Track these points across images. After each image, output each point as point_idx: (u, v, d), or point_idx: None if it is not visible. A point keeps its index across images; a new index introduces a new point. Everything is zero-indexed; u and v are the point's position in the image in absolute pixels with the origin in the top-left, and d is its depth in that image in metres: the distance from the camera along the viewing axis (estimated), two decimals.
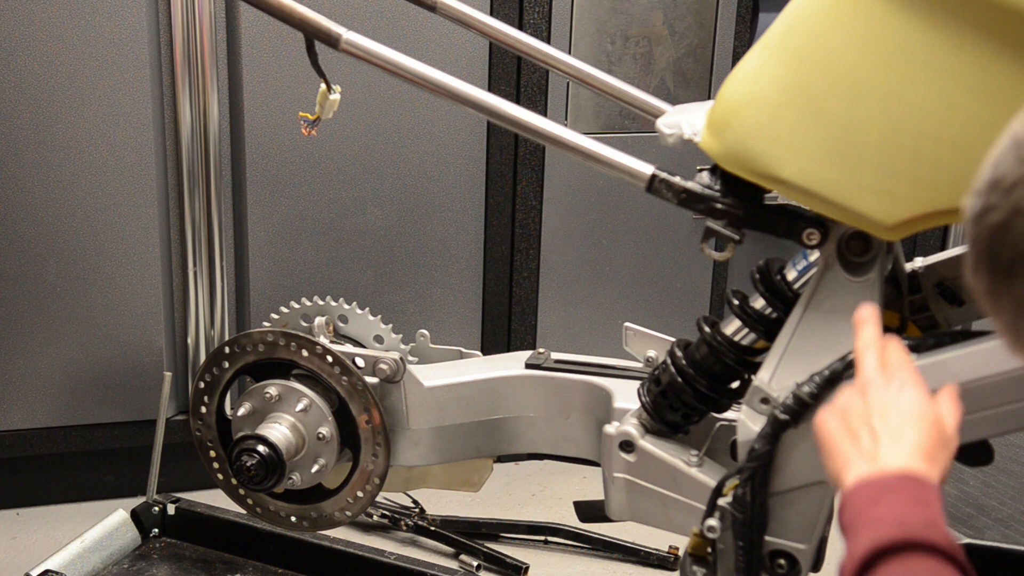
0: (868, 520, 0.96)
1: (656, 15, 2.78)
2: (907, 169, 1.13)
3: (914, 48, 1.11)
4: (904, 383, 1.06)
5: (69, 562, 2.15)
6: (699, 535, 1.33)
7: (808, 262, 1.34)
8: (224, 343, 1.66)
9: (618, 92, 1.71)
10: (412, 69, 1.37)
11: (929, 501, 0.97)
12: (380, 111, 2.66)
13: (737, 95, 1.22)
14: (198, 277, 2.64)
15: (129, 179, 2.53)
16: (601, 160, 1.33)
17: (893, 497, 0.98)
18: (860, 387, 1.08)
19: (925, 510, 0.96)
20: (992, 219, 0.77)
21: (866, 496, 0.99)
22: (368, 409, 1.60)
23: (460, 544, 2.51)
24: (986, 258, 0.79)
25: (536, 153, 2.79)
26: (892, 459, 1.01)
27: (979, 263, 0.80)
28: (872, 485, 1.00)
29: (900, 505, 0.97)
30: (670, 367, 1.43)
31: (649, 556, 2.53)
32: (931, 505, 0.97)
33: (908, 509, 0.96)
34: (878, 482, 0.99)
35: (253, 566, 2.28)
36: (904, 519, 0.95)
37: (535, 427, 1.65)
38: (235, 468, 1.61)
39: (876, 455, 1.01)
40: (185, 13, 2.46)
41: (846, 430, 1.05)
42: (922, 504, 0.97)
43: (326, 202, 2.69)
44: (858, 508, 0.99)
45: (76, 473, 2.75)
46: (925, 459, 1.01)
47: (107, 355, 2.62)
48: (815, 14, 1.17)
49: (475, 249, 2.85)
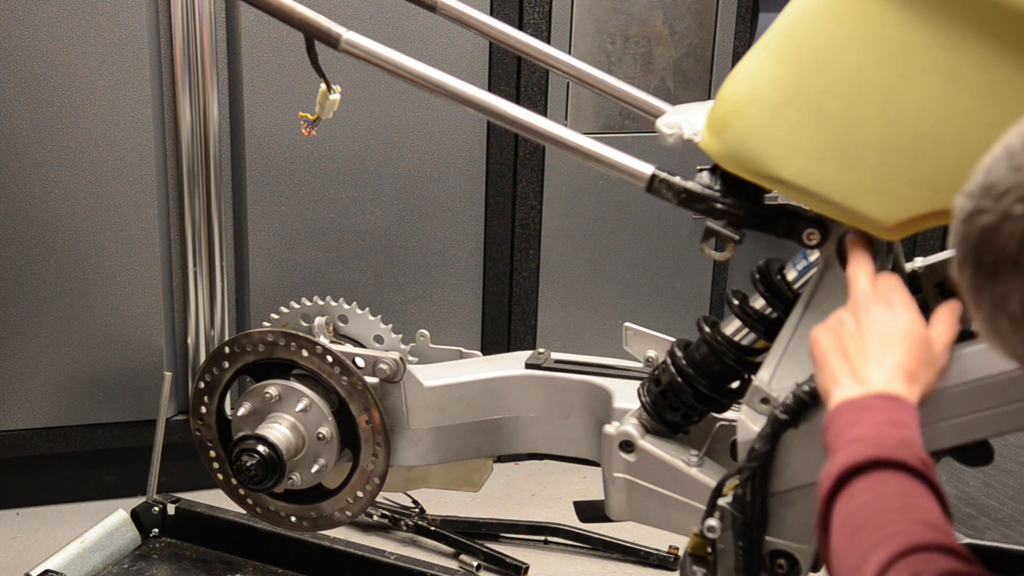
0: (846, 440, 1.03)
1: (656, 15, 2.78)
2: (907, 169, 1.13)
3: (914, 48, 1.11)
4: (892, 303, 1.13)
5: (69, 562, 2.15)
6: (699, 535, 1.33)
7: (808, 262, 1.34)
8: (224, 343, 1.66)
9: (618, 92, 1.71)
10: (412, 69, 1.37)
11: (905, 422, 1.03)
12: (380, 111, 2.66)
13: (737, 95, 1.22)
14: (198, 277, 2.64)
15: (129, 179, 2.53)
16: (601, 160, 1.33)
17: (870, 418, 1.04)
18: (852, 306, 1.15)
19: (900, 430, 1.02)
20: (981, 221, 0.82)
21: (846, 417, 1.06)
22: (368, 409, 1.60)
23: (460, 544, 2.51)
24: (972, 257, 0.83)
25: (536, 153, 2.79)
26: (875, 378, 1.07)
27: (965, 261, 0.85)
28: (852, 406, 1.06)
29: (876, 426, 1.03)
30: (670, 367, 1.43)
31: (649, 556, 2.53)
32: (906, 425, 1.03)
33: (883, 430, 1.02)
34: (858, 403, 1.06)
35: (253, 566, 2.28)
36: (878, 439, 1.01)
37: (535, 427, 1.65)
38: (235, 468, 1.61)
39: (860, 374, 1.08)
40: (185, 13, 2.46)
41: (836, 346, 1.12)
42: (897, 425, 1.03)
43: (326, 202, 2.69)
44: (838, 429, 1.05)
45: (76, 473, 2.75)
46: (906, 379, 1.08)
47: (107, 355, 2.62)
48: (815, 14, 1.17)
49: (475, 249, 2.85)
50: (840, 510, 0.99)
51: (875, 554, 0.92)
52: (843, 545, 0.96)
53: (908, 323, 1.11)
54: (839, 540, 0.97)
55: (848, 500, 0.99)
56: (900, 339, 1.10)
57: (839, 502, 1.00)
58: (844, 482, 1.00)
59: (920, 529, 0.93)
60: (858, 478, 0.99)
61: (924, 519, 0.94)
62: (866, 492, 0.98)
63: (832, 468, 1.02)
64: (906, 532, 0.93)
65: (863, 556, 0.93)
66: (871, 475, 0.99)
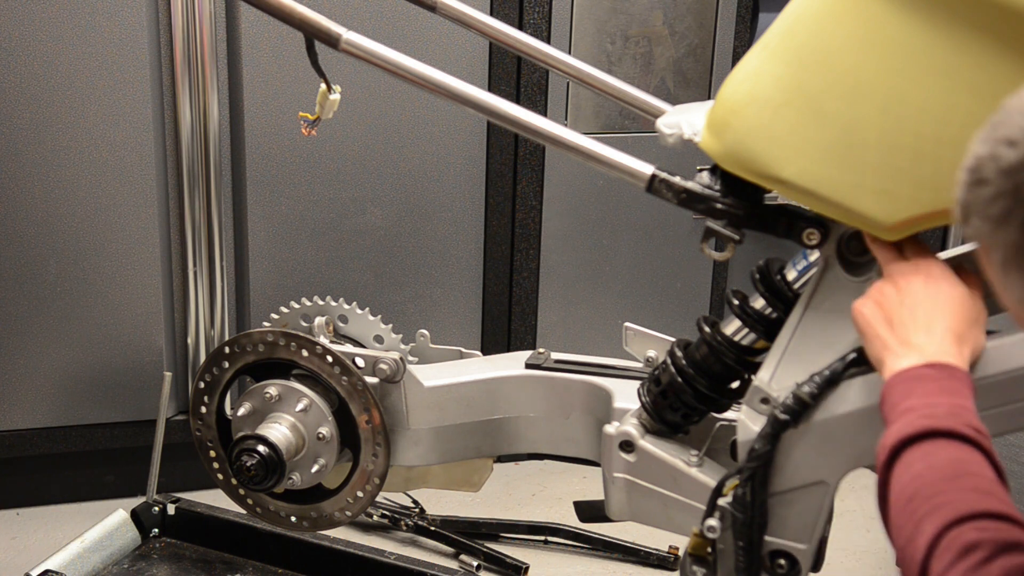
0: (901, 411, 1.04)
1: (656, 15, 2.78)
2: (907, 169, 1.13)
3: (914, 48, 1.11)
4: (930, 270, 1.15)
5: (69, 562, 2.15)
6: (699, 535, 1.33)
7: (808, 262, 1.34)
8: (224, 343, 1.66)
9: (618, 92, 1.71)
10: (412, 69, 1.37)
11: (957, 390, 1.05)
12: (380, 111, 2.66)
13: (737, 95, 1.22)
14: (198, 277, 2.64)
15: (129, 179, 2.53)
16: (601, 160, 1.33)
17: (923, 387, 1.05)
18: (889, 278, 1.16)
19: (952, 399, 1.03)
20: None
21: (900, 389, 1.07)
22: (368, 409, 1.60)
23: (460, 544, 2.51)
24: (1021, 210, 0.81)
25: (536, 153, 2.79)
26: (927, 345, 1.09)
27: (1011, 216, 0.82)
28: (906, 377, 1.07)
29: (928, 396, 1.04)
30: (670, 367, 1.43)
31: (649, 556, 2.53)
32: (959, 393, 1.04)
33: (935, 399, 1.04)
34: (911, 374, 1.07)
35: (253, 566, 2.28)
36: (929, 410, 1.02)
37: (535, 427, 1.65)
38: (235, 468, 1.61)
39: (912, 341, 1.09)
40: (185, 13, 2.46)
41: (883, 317, 1.14)
42: (948, 393, 1.04)
43: (326, 202, 2.69)
44: (893, 401, 1.07)
45: (76, 473, 2.75)
46: (956, 342, 1.10)
47: (107, 355, 2.62)
48: (815, 14, 1.17)
49: (475, 249, 2.85)
50: (895, 482, 1.00)
51: (927, 523, 0.93)
52: (899, 516, 0.98)
53: (949, 286, 1.14)
54: (896, 511, 0.99)
55: (902, 471, 1.00)
56: (945, 303, 1.12)
57: (894, 474, 1.01)
58: (898, 453, 1.01)
59: (974, 497, 0.93)
60: (911, 448, 1.00)
61: (976, 487, 0.95)
62: (918, 463, 0.99)
63: (886, 440, 1.03)
64: (958, 501, 0.93)
65: (916, 526, 0.94)
66: (923, 445, 1.00)
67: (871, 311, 1.15)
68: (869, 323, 1.15)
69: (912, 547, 0.93)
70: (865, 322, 1.15)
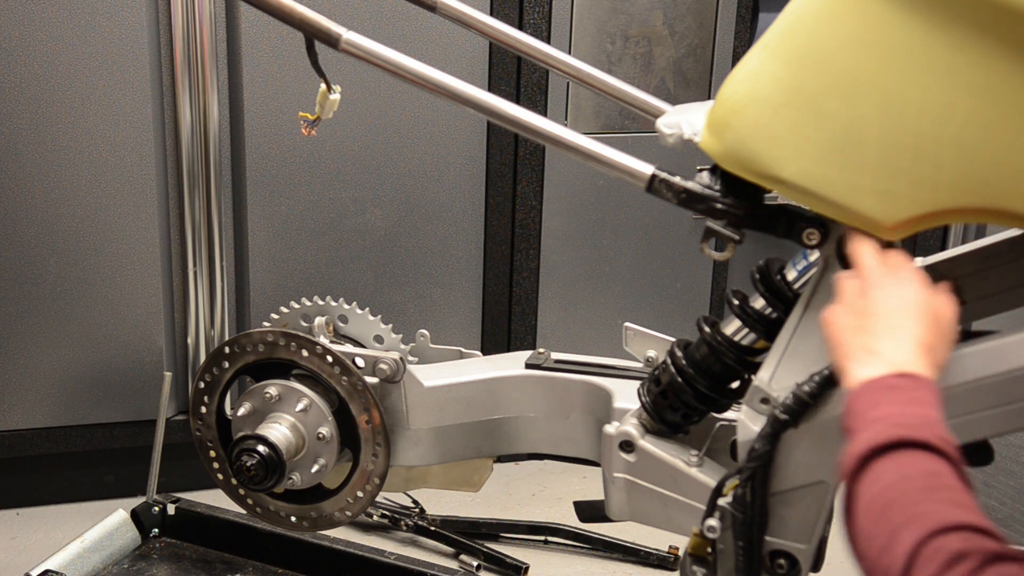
0: (868, 421, 1.02)
1: (656, 15, 2.78)
2: (907, 169, 1.13)
3: (914, 48, 1.11)
4: (904, 279, 1.12)
5: (69, 562, 2.15)
6: (699, 535, 1.33)
7: (808, 262, 1.34)
8: (224, 343, 1.66)
9: (618, 92, 1.71)
10: (412, 69, 1.37)
11: (925, 400, 1.03)
12: (380, 111, 2.66)
13: (737, 95, 1.22)
14: (198, 277, 2.64)
15: (129, 179, 2.53)
16: (601, 160, 1.32)
17: (891, 398, 1.03)
18: (862, 283, 1.14)
19: (921, 409, 1.01)
20: None
21: (867, 398, 1.04)
22: (368, 409, 1.60)
23: (460, 544, 2.51)
24: None
25: (536, 153, 2.79)
26: (894, 354, 1.06)
27: None
28: (873, 386, 1.05)
29: (897, 406, 1.02)
30: (670, 367, 1.43)
31: (649, 556, 2.53)
32: (927, 404, 1.02)
33: (904, 409, 1.01)
34: (879, 383, 1.05)
35: (253, 566, 2.28)
36: (899, 420, 1.00)
37: (535, 427, 1.65)
38: (235, 468, 1.61)
39: (879, 350, 1.07)
40: (185, 13, 2.46)
41: (851, 326, 1.11)
42: (918, 403, 1.02)
43: (326, 202, 2.69)
44: (859, 410, 1.04)
45: (76, 473, 2.75)
46: (925, 353, 1.07)
47: (107, 355, 2.62)
48: (815, 14, 1.17)
49: (475, 249, 2.85)
50: (865, 491, 0.98)
51: (905, 533, 0.91)
52: (870, 526, 0.96)
53: (922, 297, 1.11)
54: (865, 521, 0.96)
55: (873, 481, 0.98)
56: (915, 313, 1.10)
57: (863, 484, 0.99)
58: (866, 463, 0.99)
59: (953, 509, 0.92)
60: (881, 459, 0.98)
61: (953, 499, 0.93)
62: (890, 473, 0.97)
63: (855, 449, 1.01)
64: (938, 512, 0.92)
65: (892, 535, 0.92)
66: (895, 455, 0.98)
67: (842, 319, 1.13)
68: (839, 331, 1.12)
69: (888, 556, 0.91)
70: (834, 330, 1.13)
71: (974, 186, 1.10)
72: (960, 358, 1.17)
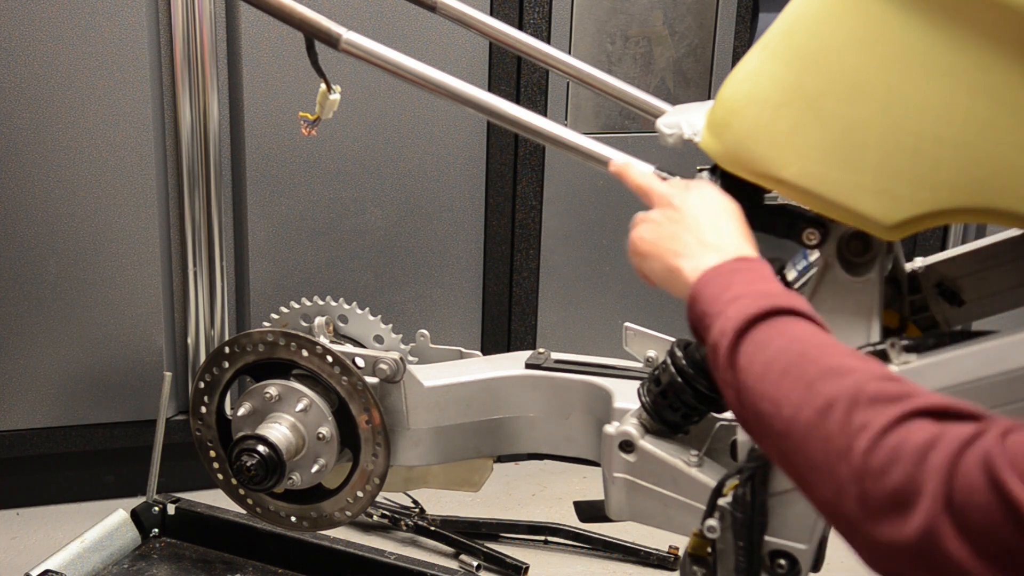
0: (728, 300, 1.00)
1: (656, 15, 2.78)
2: (907, 169, 1.13)
3: (914, 48, 1.11)
4: (700, 186, 1.16)
5: (69, 562, 2.15)
6: (699, 535, 1.33)
7: (808, 262, 1.34)
8: (224, 343, 1.66)
9: (618, 92, 1.71)
10: (412, 69, 1.37)
11: (773, 278, 1.03)
12: (380, 111, 2.66)
13: (737, 95, 1.22)
14: (198, 277, 2.64)
15: (129, 179, 2.53)
16: (601, 160, 1.32)
17: (742, 278, 1.02)
18: (661, 201, 1.16)
19: (775, 285, 1.01)
20: None
21: (717, 283, 1.03)
22: (368, 409, 1.60)
23: (460, 544, 2.51)
24: None
25: (536, 153, 2.79)
26: (725, 243, 1.07)
27: None
28: (719, 271, 1.04)
29: (753, 283, 1.01)
30: (670, 367, 1.42)
31: (649, 556, 2.53)
32: (775, 281, 1.02)
33: (760, 286, 1.01)
34: (724, 268, 1.04)
35: (253, 566, 2.28)
36: (763, 291, 0.99)
37: (535, 427, 1.65)
38: (235, 468, 1.61)
39: (707, 241, 1.08)
40: (185, 13, 2.46)
41: (667, 234, 1.11)
42: (769, 280, 1.02)
43: (326, 202, 2.69)
44: (712, 294, 1.02)
45: (76, 473, 2.75)
46: (748, 239, 1.09)
47: (107, 355, 2.62)
48: (815, 14, 1.17)
49: (475, 249, 2.85)
50: (753, 360, 0.93)
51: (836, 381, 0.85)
52: (773, 387, 0.90)
53: (722, 195, 1.15)
54: (766, 384, 0.91)
55: (761, 348, 0.94)
56: (724, 208, 1.12)
57: (745, 354, 0.95)
58: (743, 335, 0.96)
59: (869, 363, 0.88)
60: (759, 327, 0.95)
61: (857, 356, 0.90)
62: (778, 338, 0.93)
63: (727, 324, 0.97)
64: (861, 365, 0.87)
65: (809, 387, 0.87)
66: (772, 322, 0.95)
67: (651, 232, 1.13)
68: (653, 242, 1.12)
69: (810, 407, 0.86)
70: (646, 244, 1.13)
71: (974, 186, 1.10)
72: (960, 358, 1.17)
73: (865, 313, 1.25)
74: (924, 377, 1.06)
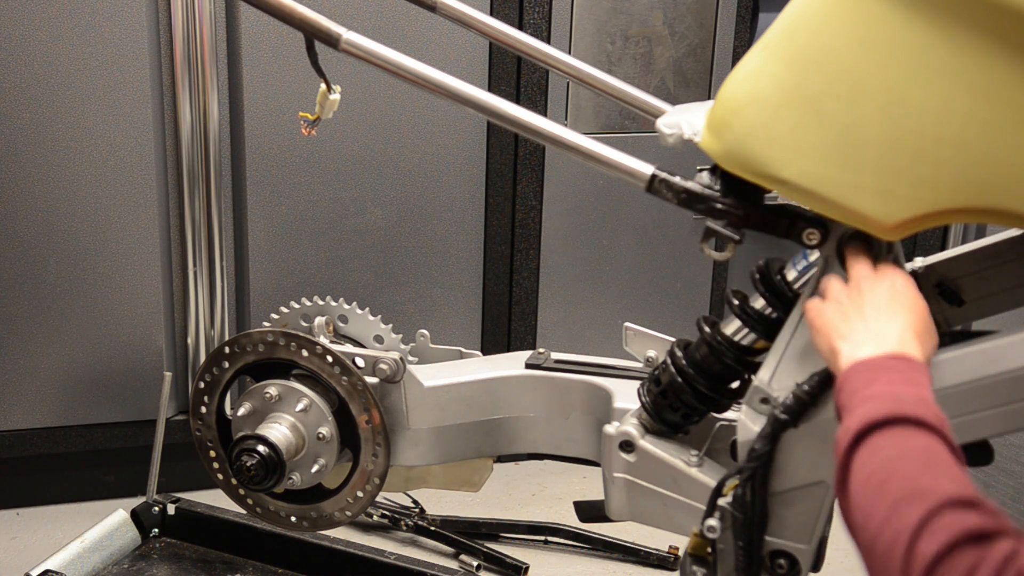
0: (864, 398, 1.03)
1: (656, 15, 2.78)
2: (907, 169, 1.13)
3: (914, 48, 1.11)
4: (895, 277, 1.16)
5: (69, 562, 2.15)
6: (699, 535, 1.33)
7: (808, 262, 1.34)
8: (224, 343, 1.66)
9: (618, 92, 1.71)
10: (412, 69, 1.37)
11: (919, 381, 1.04)
12: (380, 111, 2.66)
13: (737, 95, 1.22)
14: (198, 277, 2.64)
15: (129, 179, 2.53)
16: (601, 160, 1.32)
17: (887, 377, 1.04)
18: (853, 284, 1.17)
19: (915, 388, 1.03)
20: None
21: (862, 377, 1.06)
22: (368, 409, 1.60)
23: (460, 544, 2.51)
24: None
25: (536, 153, 2.79)
26: (888, 335, 1.09)
27: None
28: (868, 366, 1.06)
29: (893, 384, 1.03)
30: (670, 367, 1.43)
31: (649, 556, 2.53)
32: (921, 384, 1.04)
33: (900, 388, 1.02)
34: (874, 363, 1.06)
35: (253, 566, 2.28)
36: (896, 396, 1.01)
37: (535, 427, 1.65)
38: (235, 468, 1.61)
39: (873, 331, 1.09)
40: (185, 13, 2.46)
41: (842, 314, 1.14)
42: (913, 383, 1.03)
43: (326, 202, 2.69)
44: (854, 387, 1.05)
45: (76, 473, 2.75)
46: (917, 338, 1.09)
47: (107, 355, 2.62)
48: (815, 14, 1.17)
49: (475, 249, 2.85)
50: (862, 466, 0.98)
51: (908, 507, 0.90)
52: (869, 500, 0.95)
53: (910, 290, 1.15)
54: (864, 495, 0.96)
55: (870, 456, 0.98)
56: (906, 302, 1.13)
57: (859, 458, 0.99)
58: (863, 438, 0.99)
59: (949, 483, 0.92)
60: (878, 433, 0.99)
61: (949, 475, 0.93)
62: (888, 447, 0.97)
63: (851, 424, 1.01)
64: (937, 486, 0.91)
65: (892, 509, 0.92)
66: (892, 430, 0.98)
67: (832, 310, 1.15)
68: (827, 320, 1.15)
69: (891, 529, 0.91)
70: (823, 319, 1.15)
71: (974, 186, 1.10)
72: (960, 358, 1.17)
73: None
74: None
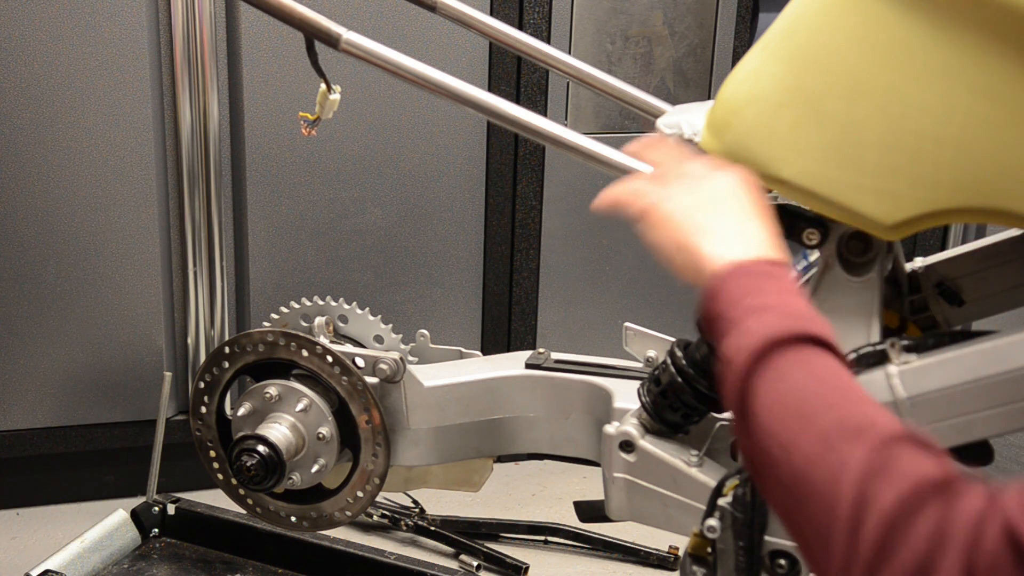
0: (750, 308, 0.91)
1: (656, 15, 2.78)
2: (907, 169, 1.13)
3: (914, 48, 1.11)
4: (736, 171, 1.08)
5: (69, 562, 2.15)
6: (699, 535, 1.33)
7: (808, 262, 1.34)
8: (224, 343, 1.66)
9: (618, 92, 1.71)
10: (412, 69, 1.37)
11: (798, 291, 0.94)
12: (380, 111, 2.66)
13: (737, 95, 1.22)
14: (198, 277, 2.64)
15: (129, 179, 2.53)
16: (601, 160, 1.32)
17: (769, 286, 0.93)
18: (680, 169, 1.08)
19: (801, 301, 0.93)
20: None
21: (742, 283, 0.94)
22: (368, 409, 1.60)
23: (460, 544, 2.51)
24: None
25: (536, 153, 2.79)
26: (757, 238, 0.99)
27: None
28: (748, 270, 0.95)
29: (777, 295, 0.92)
30: (670, 367, 1.42)
31: (649, 556, 2.53)
32: (801, 295, 0.94)
33: (787, 300, 0.92)
34: (754, 267, 0.95)
35: (253, 566, 2.28)
36: (793, 309, 0.90)
37: (535, 427, 1.65)
38: (235, 468, 1.61)
39: (741, 230, 0.99)
40: (185, 13, 2.46)
41: (694, 203, 1.03)
42: (795, 294, 0.93)
43: (326, 202, 2.69)
44: (735, 295, 0.94)
45: (76, 473, 2.75)
46: (777, 244, 1.00)
47: (107, 355, 2.62)
48: (815, 14, 1.17)
49: (475, 249, 2.85)
50: (768, 390, 0.87)
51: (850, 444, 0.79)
52: (786, 430, 0.84)
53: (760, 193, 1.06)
54: (779, 424, 0.84)
55: (778, 378, 0.87)
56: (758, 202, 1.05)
57: (762, 381, 0.87)
58: (763, 357, 0.88)
59: (884, 417, 0.82)
60: (779, 352, 0.88)
61: (875, 405, 0.84)
62: (796, 370, 0.87)
63: (746, 340, 0.89)
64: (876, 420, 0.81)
65: (823, 443, 0.80)
66: (795, 349, 0.88)
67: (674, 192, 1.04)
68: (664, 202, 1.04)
69: (824, 467, 0.80)
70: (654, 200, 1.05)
71: (974, 186, 1.10)
72: (960, 358, 1.17)
73: (865, 313, 1.25)
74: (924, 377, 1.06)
